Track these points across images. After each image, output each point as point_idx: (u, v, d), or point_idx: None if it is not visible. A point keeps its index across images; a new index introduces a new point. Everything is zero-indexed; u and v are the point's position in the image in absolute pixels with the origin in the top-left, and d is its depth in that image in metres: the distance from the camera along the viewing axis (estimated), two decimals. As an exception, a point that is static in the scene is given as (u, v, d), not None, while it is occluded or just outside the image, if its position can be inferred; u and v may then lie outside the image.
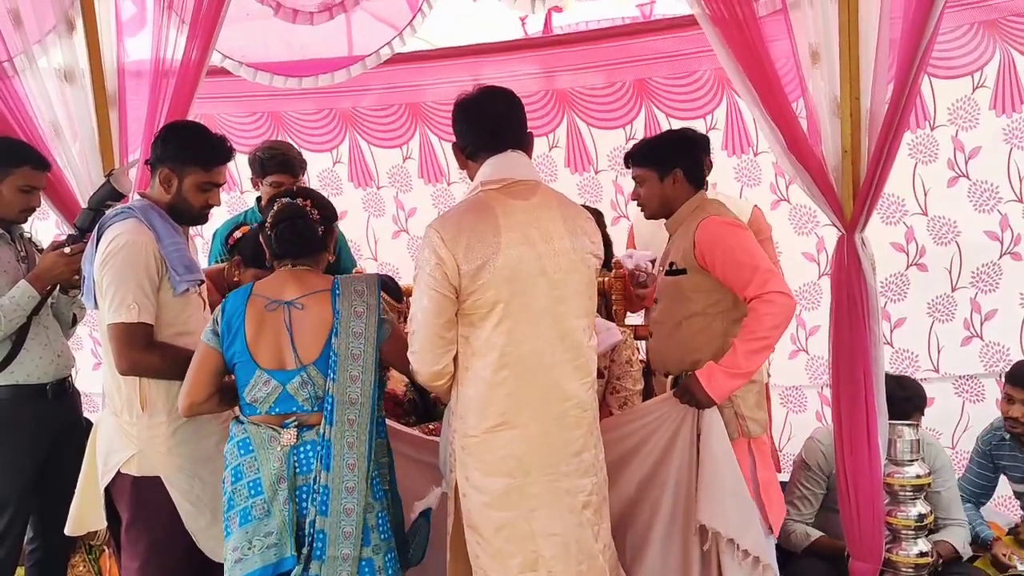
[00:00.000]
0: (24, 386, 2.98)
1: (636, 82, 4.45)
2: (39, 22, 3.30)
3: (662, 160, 2.83)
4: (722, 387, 2.61)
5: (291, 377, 2.32)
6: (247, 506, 2.30)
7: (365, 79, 4.28)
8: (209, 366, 2.38)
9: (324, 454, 2.28)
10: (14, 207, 2.99)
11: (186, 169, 2.59)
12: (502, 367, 2.28)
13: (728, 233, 2.71)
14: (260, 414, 2.35)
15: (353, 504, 2.27)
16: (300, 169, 3.68)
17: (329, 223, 2.46)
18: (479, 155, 2.38)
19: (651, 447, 2.75)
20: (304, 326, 2.34)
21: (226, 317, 2.36)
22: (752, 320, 2.60)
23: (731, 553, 2.65)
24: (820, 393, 4.28)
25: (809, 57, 2.92)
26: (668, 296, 2.81)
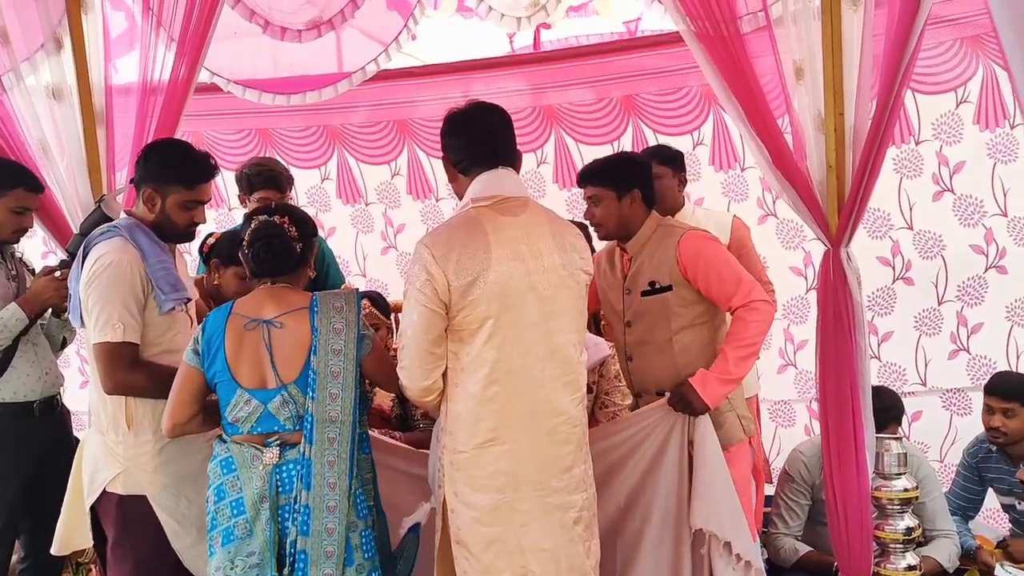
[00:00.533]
0: (11, 404, 2.97)
1: (623, 98, 4.47)
2: (27, 40, 3.31)
3: (621, 180, 2.82)
4: (716, 393, 2.65)
5: (272, 396, 2.31)
6: (230, 526, 2.29)
7: (353, 96, 4.29)
8: (191, 386, 2.37)
9: (304, 473, 2.27)
10: (7, 228, 3.00)
11: (169, 188, 2.58)
12: (492, 383, 2.28)
13: (709, 247, 2.76)
14: (242, 433, 2.34)
15: (335, 523, 2.26)
16: (287, 185, 3.68)
17: (308, 239, 2.44)
18: (473, 169, 2.38)
19: (640, 455, 2.75)
20: (283, 345, 2.33)
21: (206, 336, 2.35)
22: (739, 327, 2.66)
23: (725, 557, 2.65)
24: (809, 407, 4.29)
25: (793, 73, 2.94)
26: (652, 315, 2.79)
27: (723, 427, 2.76)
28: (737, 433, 2.81)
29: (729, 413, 2.79)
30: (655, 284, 2.77)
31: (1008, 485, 3.37)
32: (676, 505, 2.71)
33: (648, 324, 2.81)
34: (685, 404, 2.67)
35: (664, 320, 2.77)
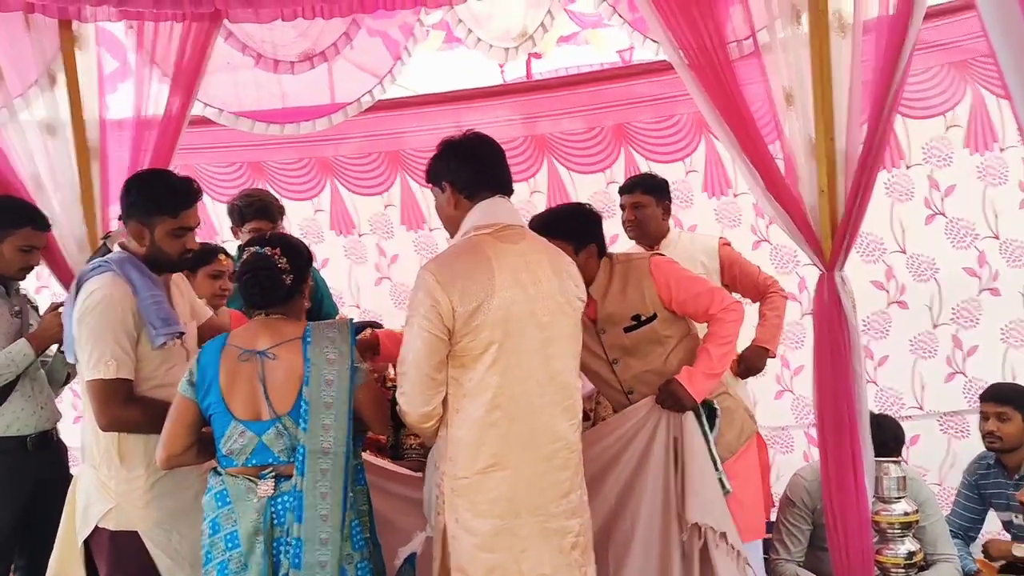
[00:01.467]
0: (5, 438, 2.96)
1: (615, 127, 4.51)
2: (21, 76, 3.31)
3: (579, 235, 2.83)
4: (702, 387, 2.75)
5: (266, 428, 2.30)
6: (224, 559, 2.26)
7: (345, 127, 4.31)
8: (186, 417, 2.35)
9: (296, 506, 2.24)
10: (13, 265, 3.03)
11: (155, 219, 2.53)
12: (495, 408, 2.28)
13: (675, 269, 2.88)
14: (237, 465, 2.32)
15: (328, 556, 2.23)
16: (279, 215, 3.70)
17: (300, 270, 2.42)
18: (477, 195, 2.40)
19: (629, 455, 2.79)
20: (277, 376, 2.32)
21: (201, 368, 2.34)
22: (718, 327, 2.80)
23: (722, 548, 2.67)
24: (807, 433, 4.28)
25: (783, 100, 2.97)
26: (644, 346, 2.85)
27: (737, 424, 2.89)
28: (750, 426, 2.97)
29: (739, 409, 2.93)
30: (640, 317, 2.83)
31: (1006, 500, 3.36)
32: (663, 502, 2.73)
33: (640, 355, 2.85)
34: (674, 401, 2.74)
35: (656, 346, 2.84)
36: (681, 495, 2.71)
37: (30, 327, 3.07)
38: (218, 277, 3.19)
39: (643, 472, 2.76)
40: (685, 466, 2.71)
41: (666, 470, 2.73)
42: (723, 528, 2.67)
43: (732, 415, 2.90)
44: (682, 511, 2.70)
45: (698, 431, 2.73)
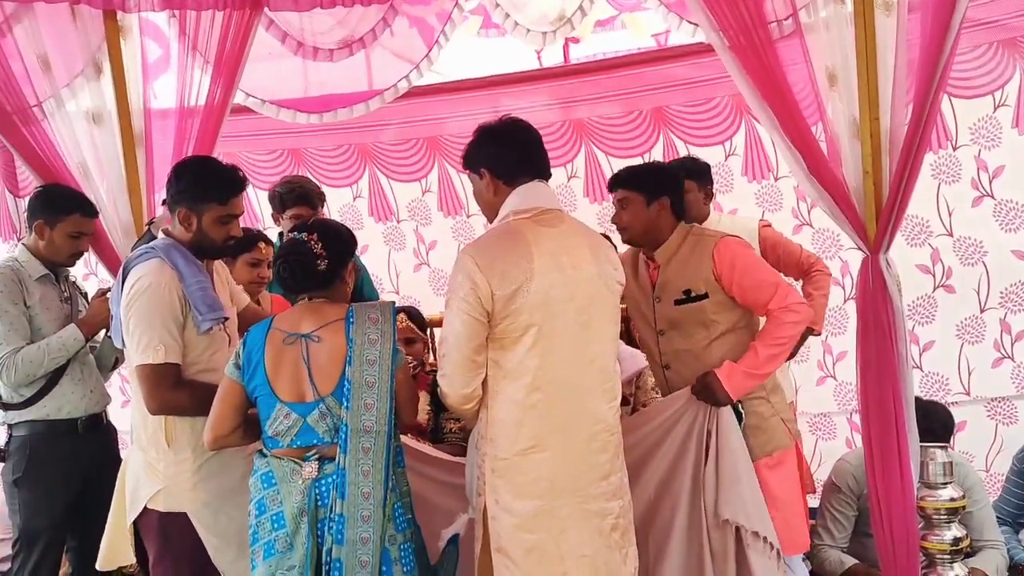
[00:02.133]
0: (56, 421, 3.04)
1: (653, 110, 4.47)
2: (67, 66, 3.37)
3: (651, 186, 2.84)
4: (740, 386, 2.68)
5: (311, 409, 2.33)
6: (271, 539, 2.30)
7: (383, 114, 4.33)
8: (232, 399, 2.39)
9: (339, 483, 2.28)
10: (63, 252, 3.10)
11: (203, 206, 2.58)
12: (535, 390, 2.30)
13: (745, 253, 2.79)
14: (282, 447, 2.35)
15: (369, 533, 2.26)
16: (319, 201, 3.74)
17: (339, 255, 2.43)
18: (517, 180, 2.41)
19: (668, 445, 2.77)
20: (321, 358, 2.35)
21: (247, 351, 2.38)
22: (774, 326, 2.69)
23: (756, 546, 2.65)
24: (849, 419, 4.23)
25: (826, 80, 2.93)
26: (688, 323, 2.80)
27: (767, 432, 2.77)
28: (783, 439, 2.81)
29: (773, 418, 2.80)
30: (690, 293, 2.78)
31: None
32: (698, 497, 2.72)
33: (685, 332, 2.81)
34: (708, 393, 2.70)
35: (702, 328, 2.79)
36: (714, 489, 2.69)
37: (79, 313, 3.14)
38: (257, 265, 3.24)
39: (682, 463, 2.75)
40: (719, 461, 2.69)
41: (698, 462, 2.72)
42: (755, 527, 2.64)
43: (764, 422, 2.80)
44: (714, 506, 2.69)
45: (735, 427, 2.69)
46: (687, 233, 2.85)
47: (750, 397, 2.77)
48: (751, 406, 2.77)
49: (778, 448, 2.78)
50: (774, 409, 2.81)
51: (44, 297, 3.06)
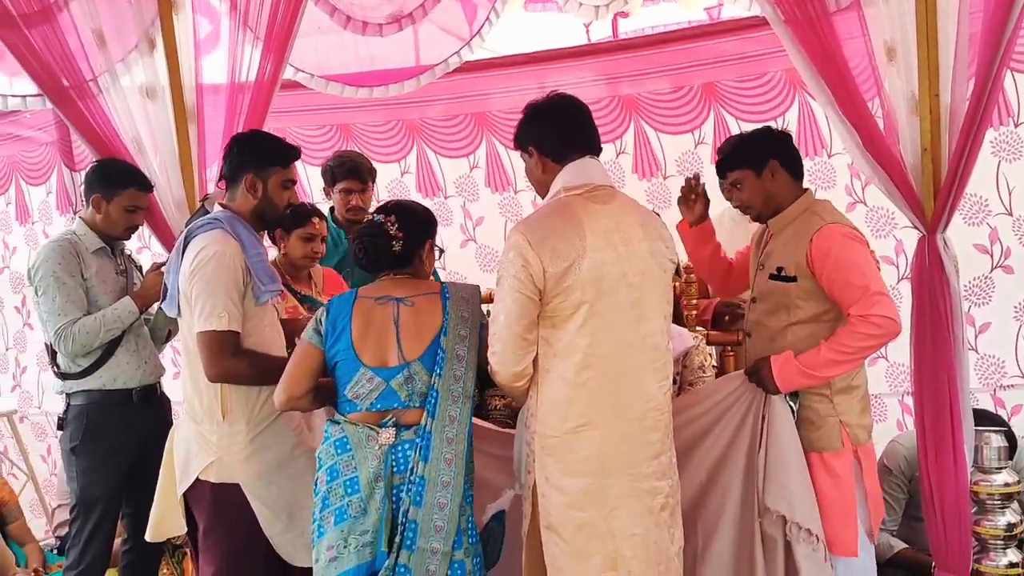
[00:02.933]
0: (111, 391, 3.11)
1: (704, 86, 4.40)
2: (122, 42, 3.42)
3: (754, 156, 2.73)
4: (790, 380, 2.59)
5: (395, 373, 2.36)
6: (343, 505, 2.32)
7: (431, 89, 4.31)
8: (309, 362, 2.43)
9: (424, 446, 2.31)
10: (119, 226, 3.17)
11: (269, 170, 2.66)
12: (585, 367, 2.29)
13: (844, 246, 2.58)
14: (360, 411, 2.38)
15: (447, 499, 2.30)
16: (369, 176, 3.74)
17: (415, 236, 2.49)
18: (567, 157, 2.40)
19: (721, 429, 2.73)
20: (411, 324, 2.40)
21: (331, 317, 2.42)
22: (846, 333, 2.52)
23: (798, 538, 2.61)
24: (901, 401, 4.15)
25: (885, 54, 2.87)
26: (773, 300, 2.72)
27: (820, 429, 2.66)
28: (833, 441, 2.64)
29: (831, 418, 2.64)
30: (781, 271, 2.68)
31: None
32: (750, 483, 2.69)
33: (769, 308, 2.74)
34: (758, 379, 2.65)
35: (784, 309, 2.69)
36: (763, 477, 2.65)
37: (134, 286, 3.20)
38: (311, 240, 3.27)
39: (736, 446, 2.71)
40: (768, 449, 2.64)
41: (752, 448, 2.69)
42: (797, 518, 2.59)
43: (819, 420, 2.66)
44: (762, 494, 2.66)
45: (787, 415, 2.63)
46: (807, 206, 2.71)
47: (810, 391, 2.65)
48: (808, 400, 2.65)
49: (829, 449, 2.65)
50: (835, 410, 2.65)
51: (100, 270, 3.13)
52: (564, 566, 2.32)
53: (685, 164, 4.46)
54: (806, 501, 2.61)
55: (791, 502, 2.60)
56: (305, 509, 2.60)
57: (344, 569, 2.28)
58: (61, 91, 3.31)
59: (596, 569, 2.29)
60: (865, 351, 2.55)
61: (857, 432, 2.68)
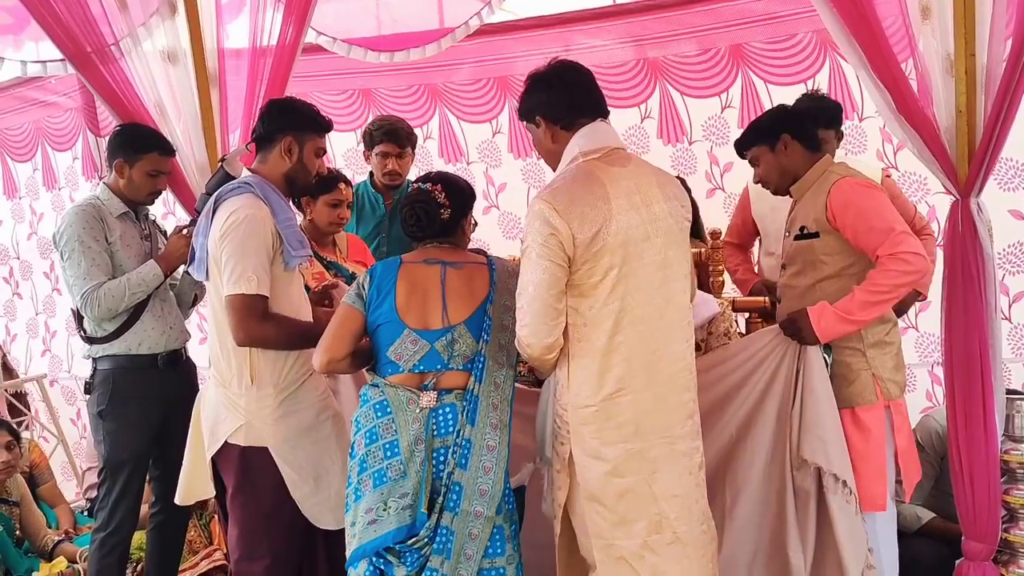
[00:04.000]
0: (136, 356, 3.12)
1: (732, 48, 4.31)
2: (143, 5, 3.40)
3: (766, 132, 2.80)
4: (830, 329, 2.58)
5: (439, 336, 2.38)
6: (382, 468, 2.33)
7: (453, 53, 4.27)
8: (351, 325, 2.45)
9: (471, 409, 2.33)
10: (142, 190, 3.16)
11: (306, 135, 2.69)
12: (617, 332, 2.28)
13: (861, 194, 2.64)
14: (402, 372, 2.38)
15: (492, 463, 2.32)
16: (407, 140, 3.73)
17: (460, 207, 2.52)
18: (576, 123, 2.38)
19: (752, 386, 2.74)
20: (458, 287, 2.42)
21: (376, 282, 2.44)
22: (878, 273, 2.54)
23: (835, 490, 2.61)
24: (931, 372, 4.10)
25: (919, 13, 2.80)
26: (800, 261, 2.77)
27: (853, 384, 2.68)
28: (867, 394, 2.67)
29: (864, 372, 2.68)
30: (804, 230, 2.74)
31: None
32: (782, 437, 2.69)
33: (797, 269, 2.78)
34: (796, 331, 2.64)
35: (810, 267, 2.73)
36: (797, 430, 2.65)
37: (158, 250, 3.21)
38: (337, 206, 3.27)
39: (767, 401, 2.71)
40: (803, 401, 2.64)
41: (785, 404, 2.68)
42: (835, 469, 2.60)
43: (852, 374, 2.68)
44: (797, 446, 2.66)
45: (822, 368, 2.63)
46: (825, 169, 2.77)
47: (842, 345, 2.66)
48: (841, 355, 2.67)
49: (863, 403, 2.67)
50: (868, 364, 2.68)
51: (125, 234, 3.14)
52: (609, 535, 2.32)
53: (711, 129, 4.39)
54: (842, 453, 2.61)
55: (828, 453, 2.60)
56: (331, 473, 2.64)
57: (384, 532, 2.30)
58: (84, 56, 3.30)
59: (642, 533, 2.30)
60: (898, 289, 2.55)
61: (890, 387, 2.71)
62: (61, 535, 4.03)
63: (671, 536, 2.30)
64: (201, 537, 3.78)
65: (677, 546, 2.31)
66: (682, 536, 2.31)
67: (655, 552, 2.29)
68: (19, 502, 3.98)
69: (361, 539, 2.32)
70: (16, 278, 5.82)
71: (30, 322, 5.81)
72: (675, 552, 2.31)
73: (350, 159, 5.00)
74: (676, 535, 2.30)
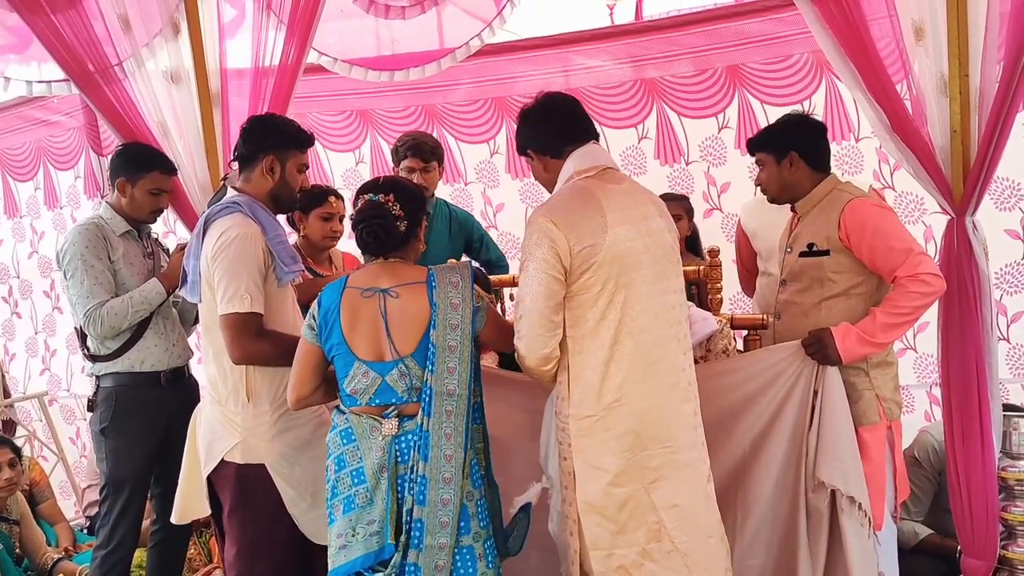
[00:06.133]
0: (140, 373, 3.14)
1: (728, 68, 4.35)
2: (147, 26, 3.44)
3: (777, 143, 2.84)
4: (852, 350, 2.60)
5: (389, 368, 2.33)
6: (350, 494, 2.33)
7: (452, 74, 4.30)
8: (311, 360, 2.43)
9: (422, 444, 2.29)
10: (144, 209, 3.19)
11: (288, 153, 2.69)
12: (616, 343, 2.31)
13: (877, 215, 2.68)
14: (360, 405, 2.37)
15: (450, 495, 2.28)
16: (432, 155, 3.65)
17: (415, 215, 2.43)
18: (566, 150, 2.45)
19: (768, 401, 2.73)
20: (400, 317, 2.34)
21: (323, 312, 2.38)
22: (898, 294, 2.58)
23: (850, 512, 2.61)
24: (929, 392, 4.10)
25: (913, 34, 2.84)
26: (806, 278, 2.79)
27: (857, 404, 2.70)
28: (871, 414, 2.70)
29: (867, 391, 2.71)
30: (813, 247, 2.76)
31: None
32: (797, 455, 2.69)
33: (801, 286, 2.80)
34: (819, 349, 2.64)
35: (817, 284, 2.76)
36: (814, 451, 2.65)
37: (161, 268, 3.23)
38: (329, 219, 3.30)
39: (780, 421, 2.71)
40: (822, 422, 2.64)
41: (800, 422, 2.68)
42: (852, 492, 2.60)
43: (855, 394, 2.70)
44: (812, 468, 2.65)
45: (842, 389, 2.64)
46: (832, 187, 2.80)
47: (847, 366, 2.67)
48: (846, 375, 2.67)
49: (866, 424, 2.69)
50: (871, 384, 2.71)
51: (128, 253, 3.16)
52: (609, 544, 2.33)
53: (708, 149, 4.43)
54: (858, 475, 2.62)
55: (846, 475, 2.61)
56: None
57: (352, 558, 2.30)
58: (87, 76, 3.33)
59: (641, 541, 2.32)
60: (919, 310, 2.58)
61: (891, 407, 2.74)
62: (61, 553, 4.02)
63: (669, 545, 2.32)
64: (201, 555, 3.78)
65: (676, 556, 2.32)
66: (681, 547, 2.32)
67: (654, 560, 2.31)
68: (19, 520, 3.97)
69: (334, 563, 2.33)
70: (15, 297, 5.83)
71: (29, 341, 5.81)
72: (675, 562, 2.32)
73: (348, 179, 5.02)
74: (675, 545, 2.32)
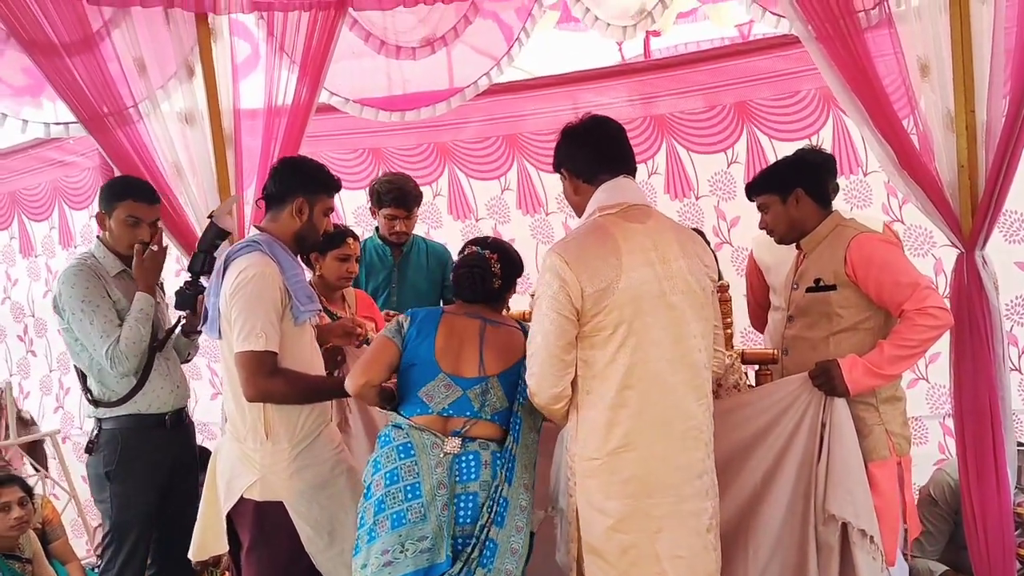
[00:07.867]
0: (145, 415, 3.10)
1: (737, 104, 4.38)
2: (161, 69, 3.49)
3: (781, 183, 2.83)
4: (860, 381, 2.59)
5: (472, 384, 2.47)
6: (401, 509, 2.35)
7: (463, 112, 4.35)
8: (387, 356, 2.55)
9: (508, 468, 2.39)
10: (123, 240, 3.08)
11: (317, 197, 2.73)
12: (626, 387, 2.29)
13: (883, 249, 2.70)
14: (430, 414, 2.44)
15: (523, 523, 2.38)
16: (414, 203, 3.82)
17: (510, 279, 2.64)
18: (598, 178, 2.43)
19: (777, 435, 2.71)
20: (496, 341, 2.53)
21: (417, 323, 2.55)
22: (905, 327, 2.58)
23: (862, 545, 2.59)
24: (942, 423, 4.07)
25: (918, 71, 2.86)
26: (814, 313, 2.78)
27: (867, 439, 2.68)
28: (881, 449, 2.70)
29: (877, 427, 2.70)
30: (820, 282, 2.76)
31: None
32: (806, 489, 2.67)
33: (809, 321, 2.79)
34: (827, 380, 2.62)
35: (825, 319, 2.75)
36: (824, 484, 2.63)
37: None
38: (346, 260, 3.32)
39: (789, 455, 2.70)
40: (831, 454, 2.62)
41: (808, 455, 2.66)
42: (863, 525, 2.57)
43: (865, 428, 2.69)
44: (822, 501, 2.63)
45: (850, 420, 2.62)
46: (837, 224, 2.81)
47: (856, 400, 2.66)
48: (855, 409, 2.66)
49: (876, 459, 2.67)
50: (881, 419, 2.71)
51: (127, 293, 3.08)
52: None
53: (718, 184, 4.45)
54: (869, 507, 2.60)
55: (856, 508, 2.59)
56: (345, 527, 2.64)
57: (399, 574, 2.30)
58: (97, 119, 3.34)
59: None
60: (926, 343, 2.59)
61: (900, 442, 2.73)
62: (71, 593, 4.01)
63: None
64: (211, 594, 3.76)
65: None
66: None
67: None
68: (31, 559, 3.95)
69: None
70: (31, 335, 5.88)
71: (44, 379, 5.84)
72: None
73: (360, 217, 5.07)
74: None
